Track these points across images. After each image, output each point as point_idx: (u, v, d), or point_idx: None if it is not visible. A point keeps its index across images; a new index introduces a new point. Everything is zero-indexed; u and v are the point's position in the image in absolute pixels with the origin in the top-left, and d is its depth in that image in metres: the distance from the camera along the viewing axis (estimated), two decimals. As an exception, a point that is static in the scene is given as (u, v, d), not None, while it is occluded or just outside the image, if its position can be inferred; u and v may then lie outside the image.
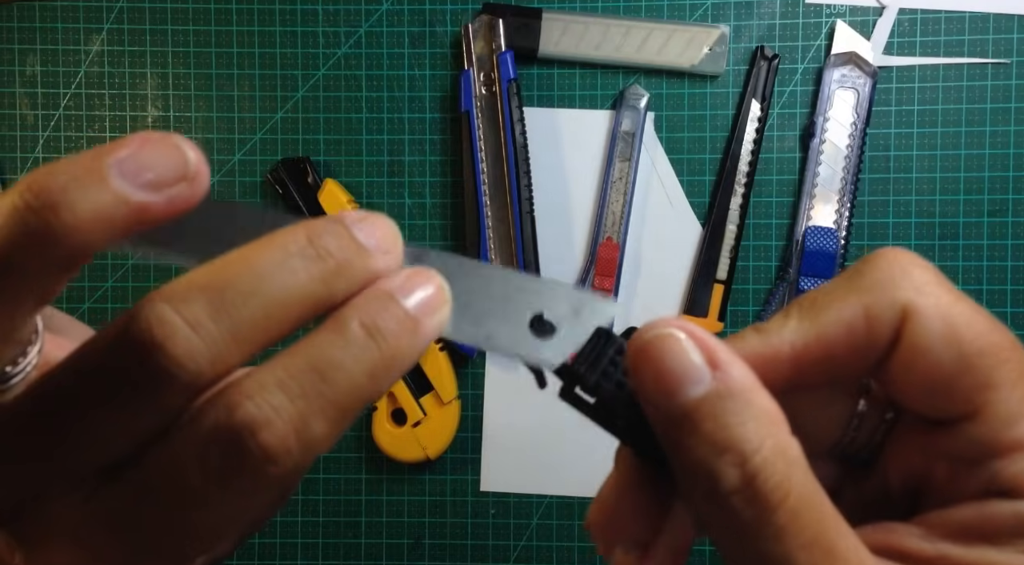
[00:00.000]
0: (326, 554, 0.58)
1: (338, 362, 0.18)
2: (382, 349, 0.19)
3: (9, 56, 0.58)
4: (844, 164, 0.56)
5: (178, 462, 0.18)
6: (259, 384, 0.18)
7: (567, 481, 0.58)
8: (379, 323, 0.19)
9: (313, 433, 0.18)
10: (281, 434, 0.17)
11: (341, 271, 0.19)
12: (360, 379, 0.18)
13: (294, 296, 0.18)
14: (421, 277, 0.20)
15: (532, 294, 0.21)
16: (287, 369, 0.18)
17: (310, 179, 0.56)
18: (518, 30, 0.56)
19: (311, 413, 0.18)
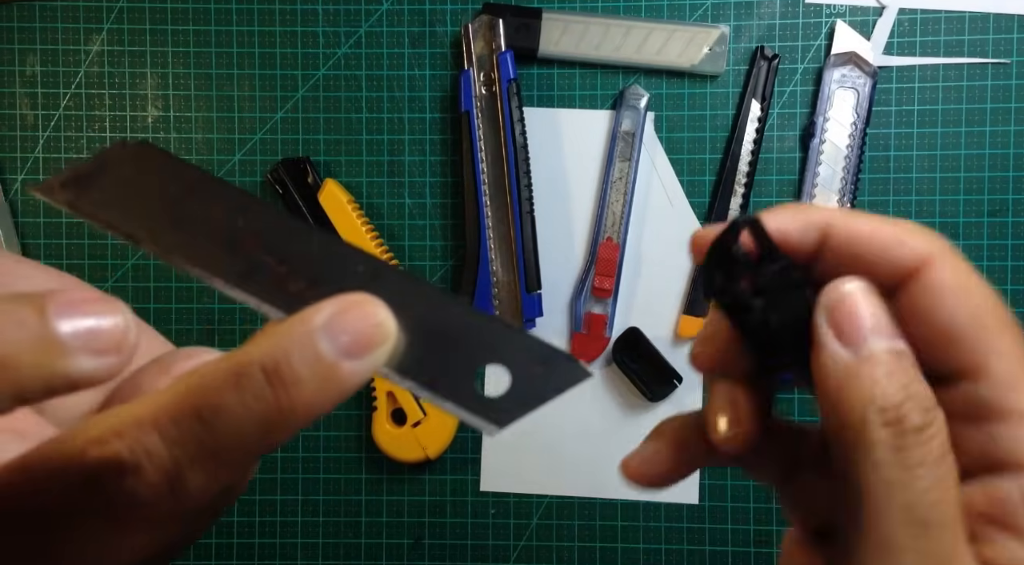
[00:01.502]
0: (326, 554, 0.58)
1: (226, 408, 0.16)
2: (280, 399, 0.16)
3: (9, 56, 0.58)
4: (844, 164, 0.56)
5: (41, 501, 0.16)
6: (135, 421, 0.16)
7: (567, 481, 0.58)
8: (282, 369, 0.16)
9: (188, 484, 0.16)
10: (151, 481, 0.15)
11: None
12: (249, 431, 0.16)
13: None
14: (359, 308, 0.17)
15: (493, 339, 0.18)
16: (167, 408, 0.16)
17: (310, 179, 0.56)
18: (518, 30, 0.56)
19: (187, 463, 0.16)
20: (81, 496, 0.16)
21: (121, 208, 0.20)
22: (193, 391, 0.16)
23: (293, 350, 0.16)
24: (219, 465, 0.16)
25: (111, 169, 0.20)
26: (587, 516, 0.58)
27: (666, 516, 0.57)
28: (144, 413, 0.16)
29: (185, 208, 0.20)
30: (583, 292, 0.57)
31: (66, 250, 0.58)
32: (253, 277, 0.19)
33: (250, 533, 0.59)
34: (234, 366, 0.16)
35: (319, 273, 0.19)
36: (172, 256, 0.19)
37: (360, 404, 0.58)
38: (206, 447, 0.16)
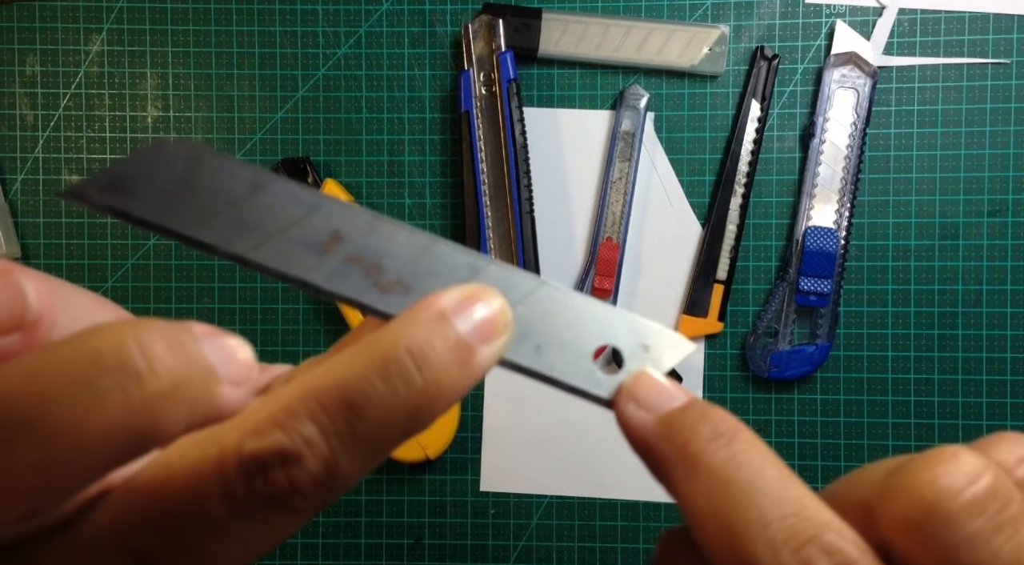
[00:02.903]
0: (326, 554, 0.58)
1: (376, 396, 0.16)
2: (428, 383, 0.16)
3: (9, 56, 0.58)
4: (844, 164, 0.56)
5: (199, 488, 0.16)
6: (289, 412, 0.16)
7: (567, 481, 0.58)
8: (427, 352, 0.16)
9: (344, 471, 0.16)
10: (312, 470, 0.16)
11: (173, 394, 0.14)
12: (399, 416, 0.16)
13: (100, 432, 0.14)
14: (480, 296, 0.17)
15: (598, 322, 0.19)
16: (319, 399, 0.16)
17: (310, 179, 0.56)
18: (518, 30, 0.56)
19: (342, 451, 0.16)
20: (244, 488, 0.15)
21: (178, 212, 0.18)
22: (340, 380, 0.16)
23: (433, 334, 0.16)
24: (370, 452, 0.16)
25: (158, 170, 0.19)
26: (587, 516, 0.58)
27: (666, 516, 0.57)
28: (296, 405, 0.16)
29: (250, 210, 0.19)
30: (583, 292, 0.57)
31: (66, 250, 0.58)
32: (345, 276, 0.19)
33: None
34: (379, 354, 0.16)
35: (413, 269, 0.19)
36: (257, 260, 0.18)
37: (360, 404, 0.58)
38: (359, 435, 0.16)
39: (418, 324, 0.17)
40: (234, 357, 0.16)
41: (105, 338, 0.14)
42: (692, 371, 0.57)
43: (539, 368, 0.19)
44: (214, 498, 0.15)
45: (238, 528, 0.16)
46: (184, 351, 0.15)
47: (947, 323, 0.56)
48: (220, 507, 0.15)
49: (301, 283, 0.18)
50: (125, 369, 0.14)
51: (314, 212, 0.19)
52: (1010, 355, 0.56)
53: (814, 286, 0.55)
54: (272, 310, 0.58)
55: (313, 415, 0.16)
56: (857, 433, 0.56)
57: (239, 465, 0.15)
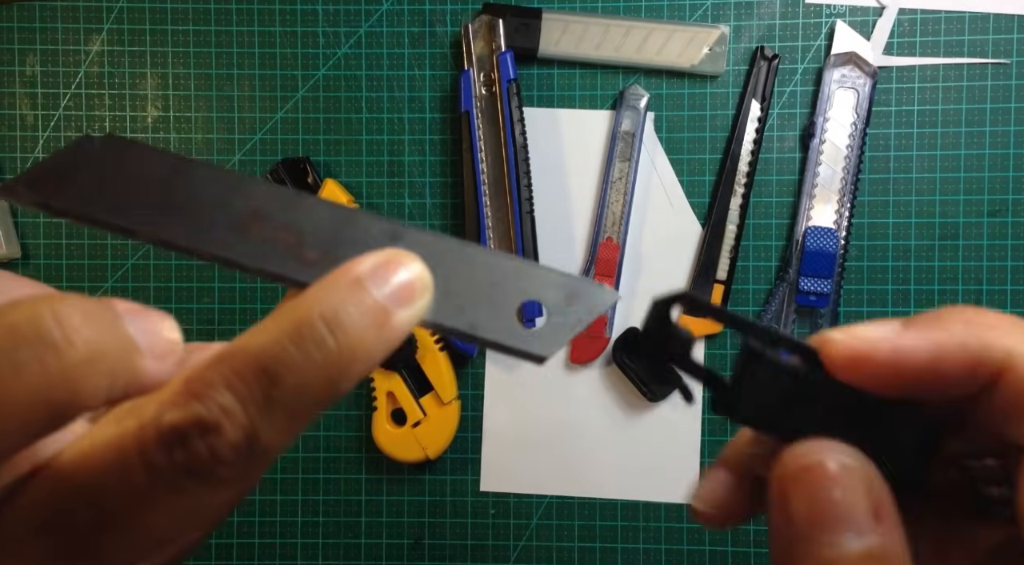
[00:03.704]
0: (326, 554, 0.58)
1: (291, 362, 0.16)
2: (341, 346, 0.16)
3: (9, 56, 0.58)
4: (844, 164, 0.56)
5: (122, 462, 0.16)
6: (206, 383, 0.16)
7: (567, 481, 0.58)
8: (341, 316, 0.17)
9: (264, 439, 0.16)
10: (231, 439, 0.16)
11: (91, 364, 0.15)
12: (315, 380, 0.16)
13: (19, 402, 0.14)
14: (398, 261, 0.18)
15: (522, 279, 0.19)
16: (235, 368, 0.16)
17: (310, 179, 0.56)
18: (518, 30, 0.56)
19: (260, 419, 0.16)
20: (165, 460, 0.16)
21: (104, 203, 0.19)
22: (255, 349, 0.16)
23: (348, 299, 0.17)
24: (290, 418, 0.16)
25: (83, 164, 0.19)
26: (587, 516, 0.58)
27: (666, 516, 0.57)
28: (212, 375, 0.16)
29: (174, 195, 0.19)
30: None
31: (66, 250, 0.58)
32: (267, 253, 0.19)
33: (250, 533, 0.59)
34: (293, 320, 0.16)
35: (333, 240, 0.19)
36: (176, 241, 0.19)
37: (360, 404, 0.58)
38: (277, 402, 0.16)
39: (333, 290, 0.17)
40: (158, 331, 0.16)
41: (22, 311, 0.14)
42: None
43: (462, 327, 0.19)
44: (136, 471, 0.16)
45: (163, 500, 0.16)
46: (102, 323, 0.15)
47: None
48: (142, 479, 0.16)
49: (223, 260, 0.19)
50: (43, 340, 0.14)
51: (234, 193, 0.19)
52: (1010, 355, 0.56)
53: (814, 286, 0.55)
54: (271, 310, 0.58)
55: (229, 384, 0.16)
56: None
57: (158, 437, 0.15)
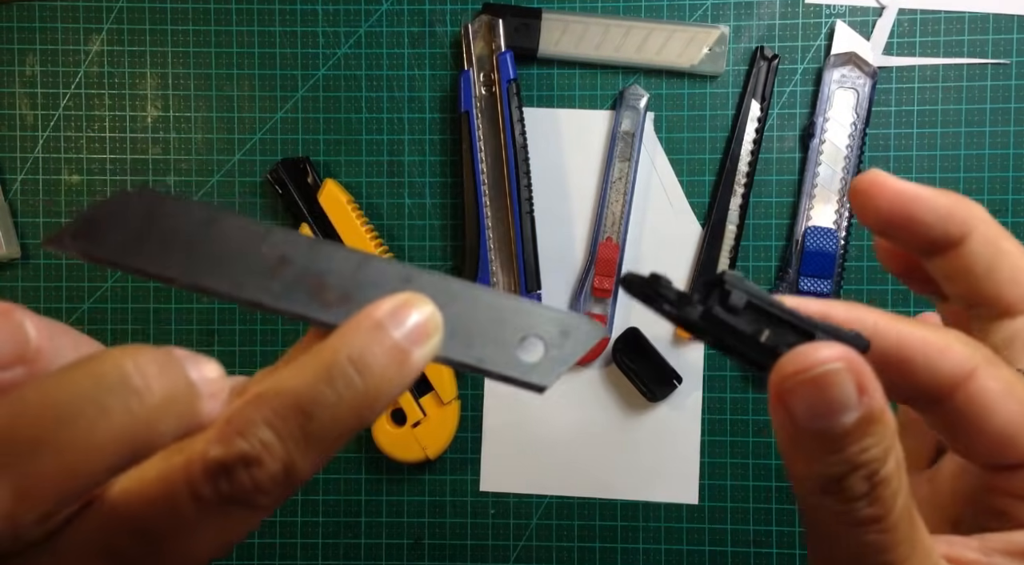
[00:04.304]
0: (326, 554, 0.58)
1: (324, 400, 0.18)
2: (368, 385, 0.19)
3: (9, 56, 0.58)
4: (844, 164, 0.56)
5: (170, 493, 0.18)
6: (249, 421, 0.18)
7: (567, 481, 0.58)
8: (367, 358, 0.19)
9: (300, 468, 0.18)
10: (271, 471, 0.18)
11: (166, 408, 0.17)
12: (345, 416, 0.18)
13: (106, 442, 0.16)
14: (411, 303, 0.20)
15: (521, 317, 0.22)
16: (273, 408, 0.18)
17: (310, 179, 0.56)
18: (518, 30, 0.56)
19: (298, 451, 0.18)
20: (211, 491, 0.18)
21: (142, 251, 0.21)
22: (292, 390, 0.18)
23: (371, 341, 0.19)
24: (322, 450, 0.18)
25: (120, 215, 0.21)
26: (587, 516, 0.58)
27: (666, 516, 0.57)
28: (253, 414, 0.18)
29: (204, 244, 0.21)
30: (583, 292, 0.57)
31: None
32: (292, 294, 0.21)
33: (250, 533, 0.59)
34: (325, 362, 0.19)
35: (352, 283, 0.21)
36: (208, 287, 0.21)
37: (360, 404, 0.58)
38: (311, 436, 0.18)
39: (358, 333, 0.19)
40: (209, 375, 0.18)
41: (108, 361, 0.17)
42: (692, 371, 0.57)
43: (470, 361, 0.21)
44: (183, 502, 0.18)
45: (207, 526, 0.18)
46: (173, 371, 0.17)
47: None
48: (190, 510, 0.18)
49: (254, 304, 0.21)
50: (126, 387, 0.17)
51: (262, 241, 0.21)
52: (1010, 355, 0.56)
53: (814, 286, 0.55)
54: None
55: (269, 422, 0.18)
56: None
57: (205, 470, 0.18)
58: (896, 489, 0.20)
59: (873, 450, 0.19)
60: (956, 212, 0.24)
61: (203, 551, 0.18)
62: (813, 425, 0.19)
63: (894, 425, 0.20)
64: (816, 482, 0.20)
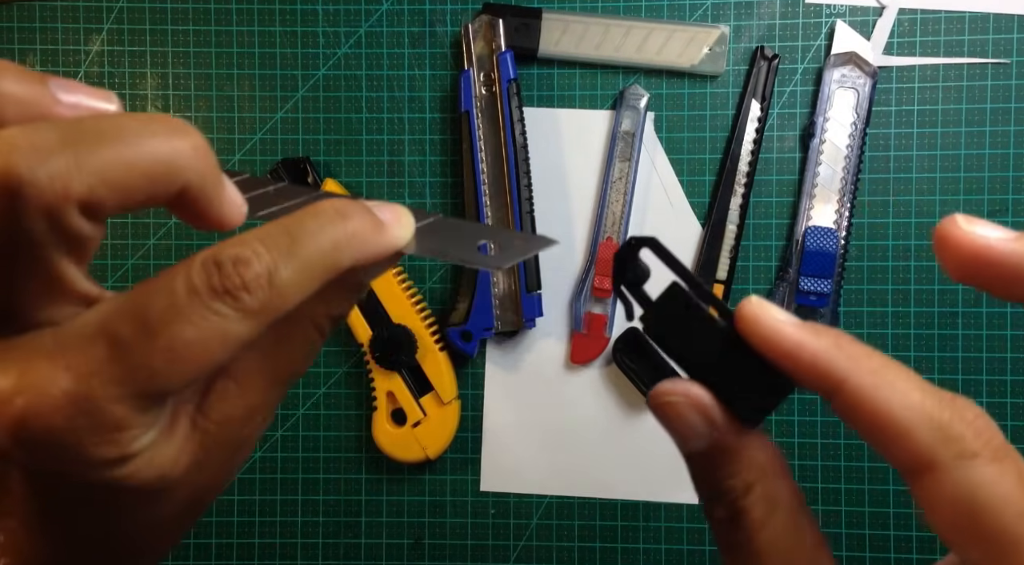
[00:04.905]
0: (326, 554, 0.58)
1: (308, 228, 0.22)
2: (347, 229, 0.22)
3: (9, 56, 0.58)
4: (844, 164, 0.56)
5: (169, 281, 0.20)
6: (244, 237, 0.21)
7: (567, 481, 0.58)
8: (349, 212, 0.23)
9: (282, 277, 0.21)
10: (257, 270, 0.21)
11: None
12: (324, 244, 0.22)
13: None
14: (391, 204, 0.25)
15: (481, 232, 0.27)
16: (267, 230, 0.22)
17: (310, 179, 0.56)
18: (518, 30, 0.56)
19: (282, 262, 0.21)
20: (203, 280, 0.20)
21: None
22: (283, 220, 0.22)
23: (354, 206, 0.23)
24: (302, 267, 0.21)
25: None
26: (587, 516, 0.58)
27: (666, 516, 0.57)
28: (249, 234, 0.21)
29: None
30: (583, 292, 0.57)
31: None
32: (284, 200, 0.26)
33: (250, 533, 0.59)
34: (315, 208, 0.23)
35: None
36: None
37: (360, 404, 0.58)
38: (294, 252, 0.21)
39: (344, 204, 0.23)
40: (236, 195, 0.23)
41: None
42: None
43: (435, 253, 0.25)
44: (179, 289, 0.20)
45: (198, 318, 0.20)
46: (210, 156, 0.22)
47: (947, 323, 0.56)
48: (183, 296, 0.20)
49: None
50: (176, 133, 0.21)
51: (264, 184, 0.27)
52: (1010, 355, 0.56)
53: (814, 286, 0.55)
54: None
55: (260, 237, 0.21)
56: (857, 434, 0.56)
57: (202, 263, 0.20)
58: (760, 522, 0.22)
59: (729, 480, 0.22)
60: None
61: (192, 345, 0.20)
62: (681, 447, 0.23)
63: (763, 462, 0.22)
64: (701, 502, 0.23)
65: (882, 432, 0.20)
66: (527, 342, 0.58)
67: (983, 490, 0.19)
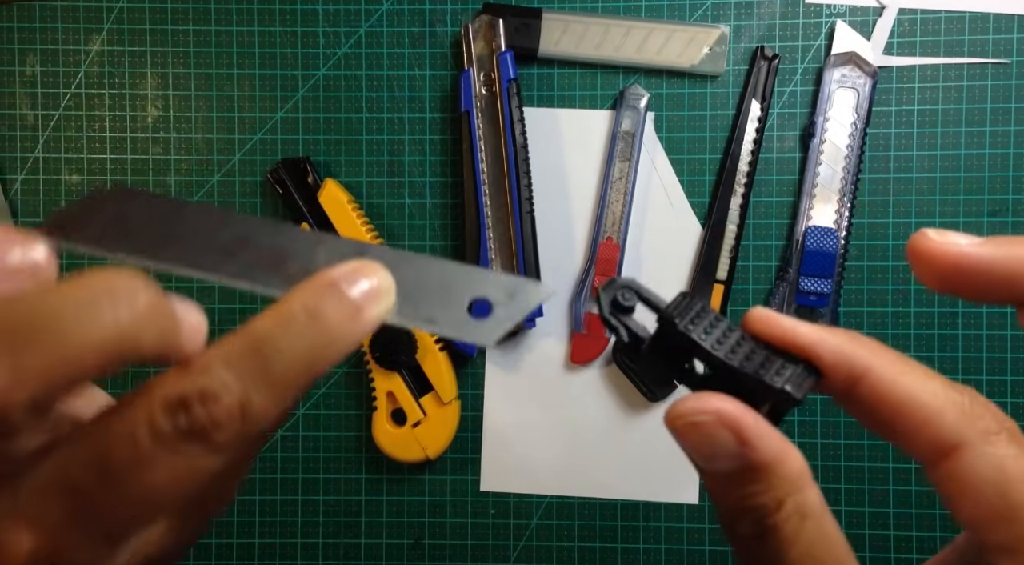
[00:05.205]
0: (326, 554, 0.58)
1: (279, 343, 0.20)
2: (321, 333, 0.20)
3: (9, 56, 0.58)
4: (844, 164, 0.56)
5: (130, 427, 0.19)
6: (208, 361, 0.19)
7: (567, 481, 0.58)
8: (321, 309, 0.20)
9: (256, 405, 0.19)
10: (228, 405, 0.19)
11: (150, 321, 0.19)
12: (299, 360, 0.20)
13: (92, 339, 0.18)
14: (365, 269, 0.21)
15: (470, 281, 0.23)
16: (233, 348, 0.20)
17: (310, 179, 0.56)
18: (518, 30, 0.56)
19: (254, 390, 0.19)
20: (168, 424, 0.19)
21: (118, 238, 0.23)
22: (249, 334, 0.20)
23: (325, 296, 0.20)
24: (277, 391, 0.20)
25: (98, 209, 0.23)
26: (587, 516, 0.58)
27: (666, 516, 0.57)
28: (213, 354, 0.19)
29: (174, 230, 0.23)
30: (583, 292, 0.57)
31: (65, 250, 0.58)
32: (253, 270, 0.23)
33: (250, 533, 0.59)
34: (281, 312, 0.20)
35: (309, 258, 0.23)
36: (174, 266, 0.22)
37: (360, 404, 0.58)
38: (266, 376, 0.19)
39: (314, 289, 0.21)
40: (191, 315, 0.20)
41: (108, 276, 0.19)
42: (692, 371, 0.57)
43: (421, 321, 0.22)
44: (142, 434, 0.19)
45: (165, 461, 0.19)
46: (159, 297, 0.19)
47: (947, 323, 0.56)
48: (147, 442, 0.19)
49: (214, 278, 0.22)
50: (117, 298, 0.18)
51: (222, 226, 0.23)
52: (1010, 355, 0.56)
53: (814, 286, 0.55)
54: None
55: (227, 361, 0.19)
56: (857, 434, 0.56)
57: (164, 403, 0.19)
58: (791, 537, 0.21)
59: (759, 497, 0.21)
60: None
61: (161, 489, 0.19)
62: (702, 465, 0.21)
63: (795, 474, 0.21)
64: (720, 515, 0.22)
65: (911, 417, 0.21)
66: (527, 342, 0.58)
67: (1011, 464, 0.20)
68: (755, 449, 0.21)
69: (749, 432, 0.21)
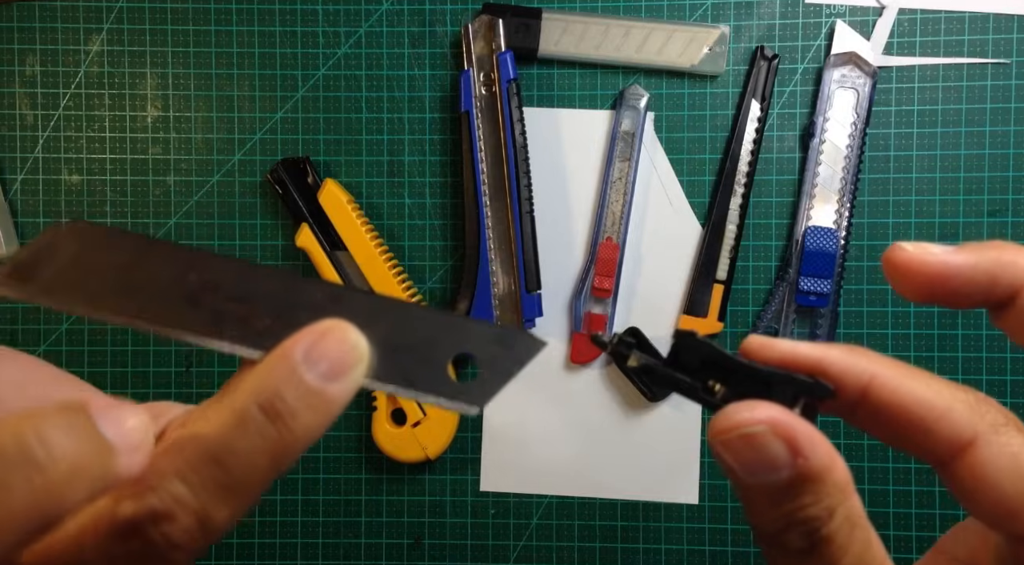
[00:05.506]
0: (326, 554, 0.58)
1: (236, 449, 0.18)
2: (282, 432, 0.18)
3: (9, 56, 0.58)
4: (844, 164, 0.56)
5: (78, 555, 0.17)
6: (159, 474, 0.17)
7: (567, 481, 0.58)
8: (278, 406, 0.18)
9: (216, 519, 0.17)
10: (184, 525, 0.17)
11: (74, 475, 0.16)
12: (260, 464, 0.18)
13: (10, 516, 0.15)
14: (332, 333, 0.19)
15: (455, 334, 0.20)
16: (186, 458, 0.17)
17: (310, 179, 0.56)
18: (518, 30, 0.56)
19: (212, 503, 0.17)
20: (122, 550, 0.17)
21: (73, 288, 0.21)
22: (204, 439, 0.17)
23: (282, 386, 0.18)
24: (239, 499, 0.18)
25: (54, 251, 0.21)
26: (587, 516, 0.58)
27: (666, 516, 0.57)
28: (164, 466, 0.17)
29: (135, 275, 0.21)
30: (583, 292, 0.57)
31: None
32: (220, 324, 0.20)
33: (250, 533, 0.59)
34: (235, 412, 0.18)
35: (281, 307, 0.20)
36: (136, 323, 0.20)
37: (360, 404, 0.58)
38: (226, 486, 0.17)
39: (270, 376, 0.18)
40: (127, 426, 0.17)
41: (7, 433, 0.16)
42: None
43: (399, 383, 0.20)
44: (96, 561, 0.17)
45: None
46: (81, 433, 0.16)
47: (947, 323, 0.56)
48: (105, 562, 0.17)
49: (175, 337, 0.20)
50: (27, 461, 0.15)
51: (190, 268, 0.21)
52: (1010, 355, 0.56)
53: (814, 286, 0.55)
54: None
55: (181, 474, 0.17)
56: (857, 434, 0.56)
57: (114, 530, 0.17)
58: (844, 546, 0.20)
59: (811, 508, 0.20)
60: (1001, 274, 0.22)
61: None
62: (748, 480, 0.20)
63: (844, 481, 0.20)
64: (761, 532, 0.21)
65: (923, 418, 0.21)
66: (527, 342, 0.58)
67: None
68: (808, 458, 0.19)
69: (802, 440, 0.19)
